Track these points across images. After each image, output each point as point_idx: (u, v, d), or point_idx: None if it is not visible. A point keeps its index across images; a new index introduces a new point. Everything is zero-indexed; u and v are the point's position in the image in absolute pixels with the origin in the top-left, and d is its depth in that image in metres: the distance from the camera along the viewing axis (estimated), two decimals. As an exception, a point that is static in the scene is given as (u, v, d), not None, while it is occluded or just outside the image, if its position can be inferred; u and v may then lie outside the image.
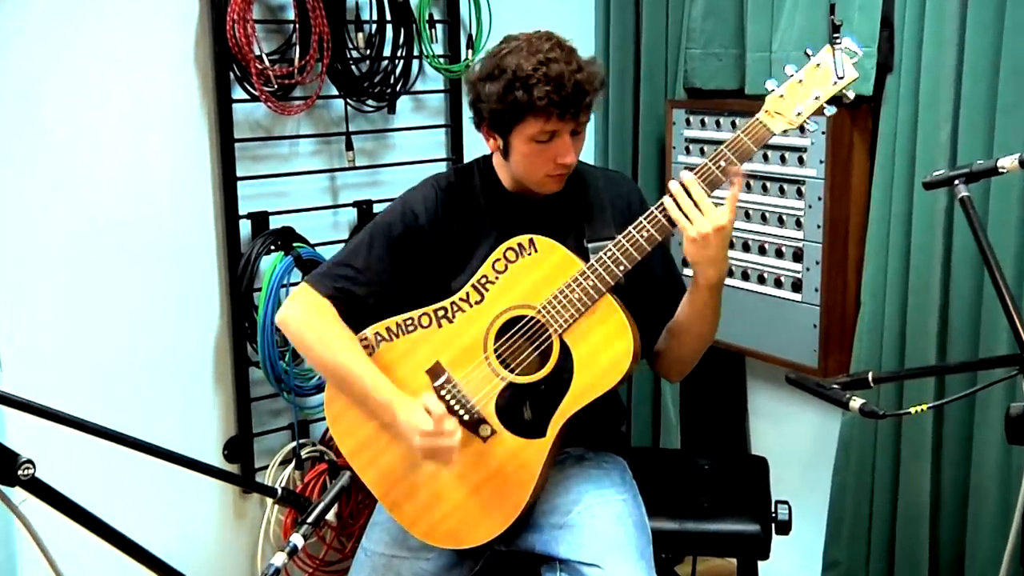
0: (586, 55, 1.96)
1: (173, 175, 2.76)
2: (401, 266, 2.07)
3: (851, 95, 1.88)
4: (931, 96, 2.49)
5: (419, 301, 2.06)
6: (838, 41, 1.85)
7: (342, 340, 2.03)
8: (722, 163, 1.86)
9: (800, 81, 1.87)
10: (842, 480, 2.82)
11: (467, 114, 2.08)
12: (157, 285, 2.76)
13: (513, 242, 1.99)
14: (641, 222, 1.90)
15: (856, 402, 1.71)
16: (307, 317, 2.06)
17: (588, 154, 3.42)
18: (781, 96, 1.87)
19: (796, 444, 3.12)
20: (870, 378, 1.83)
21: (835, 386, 1.79)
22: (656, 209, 1.90)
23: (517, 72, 1.89)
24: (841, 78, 1.85)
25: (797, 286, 2.83)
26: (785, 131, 1.88)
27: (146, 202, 2.72)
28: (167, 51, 2.71)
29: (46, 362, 2.60)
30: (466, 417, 1.99)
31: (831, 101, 1.87)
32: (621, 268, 1.91)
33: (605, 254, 1.92)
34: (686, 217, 1.85)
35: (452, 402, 1.99)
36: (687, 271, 2.04)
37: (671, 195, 1.86)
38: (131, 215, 2.70)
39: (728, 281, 2.98)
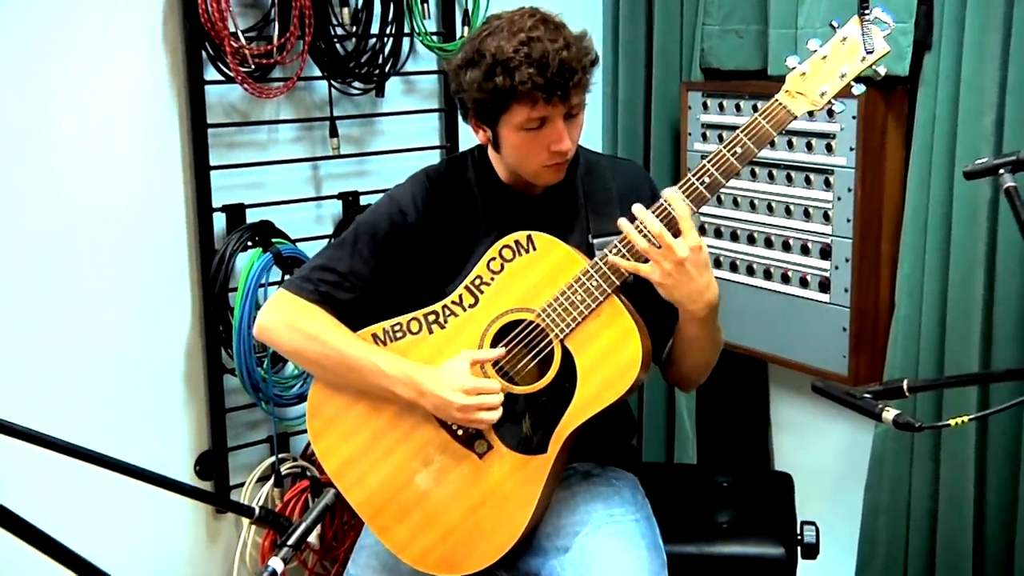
0: (578, 30, 1.96)
1: (140, 164, 2.76)
2: (389, 269, 2.07)
3: (882, 72, 1.87)
4: (974, 77, 2.49)
5: (410, 305, 2.06)
6: (867, 11, 1.84)
7: (336, 330, 2.04)
8: (738, 149, 1.86)
9: (824, 57, 1.86)
10: (875, 499, 2.82)
11: (459, 102, 2.09)
12: (122, 285, 2.76)
13: (510, 239, 1.99)
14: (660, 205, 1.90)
15: (890, 413, 1.71)
16: (291, 319, 2.07)
17: (595, 141, 3.42)
18: (803, 74, 1.87)
19: (824, 459, 3.12)
20: (905, 386, 1.83)
21: (866, 395, 1.79)
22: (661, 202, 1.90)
23: (497, 55, 1.89)
24: (870, 52, 1.84)
25: (825, 286, 2.83)
26: (809, 113, 1.88)
27: (110, 194, 2.72)
28: (132, 28, 2.70)
29: None
30: (460, 432, 1.99)
31: (860, 79, 1.87)
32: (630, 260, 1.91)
33: (611, 250, 1.92)
34: (649, 253, 1.86)
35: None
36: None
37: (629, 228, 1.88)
38: (93, 208, 2.70)
39: (748, 280, 3.02)
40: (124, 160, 2.74)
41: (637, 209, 1.87)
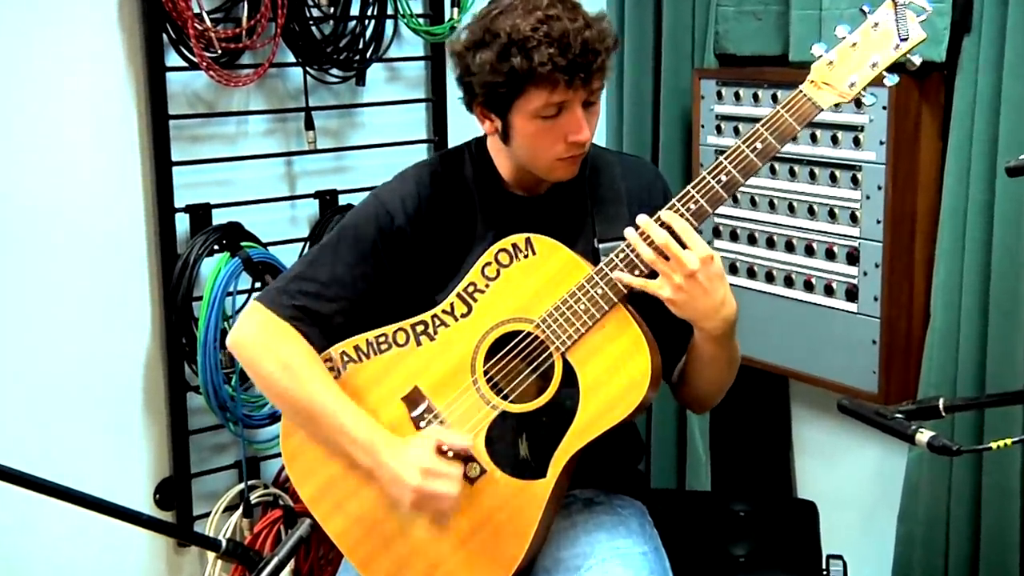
0: (592, 11, 1.96)
1: (93, 160, 2.76)
2: (375, 278, 2.07)
3: (917, 61, 1.88)
4: (1018, 62, 2.49)
5: (398, 315, 2.05)
6: (902, -7, 1.85)
7: (311, 369, 2.03)
8: (758, 145, 1.87)
9: (854, 44, 1.87)
10: (909, 530, 2.82)
11: (452, 87, 2.08)
12: (73, 294, 2.75)
13: (507, 242, 1.98)
14: (659, 218, 1.90)
15: (924, 435, 1.71)
16: (266, 340, 2.06)
17: (600, 134, 3.42)
18: (830, 63, 1.87)
19: (852, 486, 3.12)
20: (941, 406, 1.83)
21: (898, 415, 1.79)
22: (680, 199, 1.90)
23: (513, 34, 1.89)
24: (905, 40, 1.85)
25: (852, 294, 2.83)
26: (836, 106, 1.88)
27: (59, 193, 2.71)
28: (83, 8, 2.70)
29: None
30: (450, 454, 1.99)
31: (892, 69, 1.87)
32: (637, 274, 1.91)
33: (618, 256, 1.92)
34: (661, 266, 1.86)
35: (433, 435, 2.00)
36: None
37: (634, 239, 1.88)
38: (41, 209, 2.69)
39: (767, 288, 3.03)
40: (76, 156, 2.73)
41: (641, 219, 1.88)
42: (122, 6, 2.74)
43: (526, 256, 1.98)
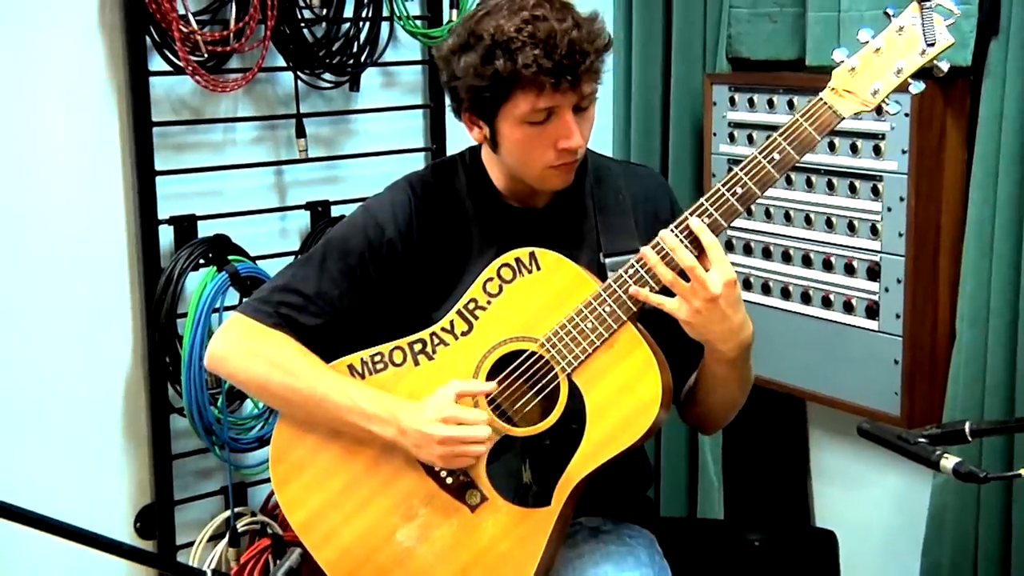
0: (586, 11, 1.96)
1: (73, 169, 2.76)
2: (363, 292, 2.07)
3: (945, 67, 1.88)
4: (1046, 67, 2.50)
5: (391, 334, 2.05)
6: (928, -3, 1.85)
7: (304, 358, 2.03)
8: (776, 155, 1.87)
9: (878, 50, 1.87)
10: (934, 561, 2.81)
11: (449, 95, 2.09)
12: (52, 310, 2.75)
13: (509, 257, 1.99)
14: (687, 226, 1.90)
15: (950, 461, 1.70)
16: (250, 345, 2.06)
17: (605, 144, 3.42)
18: (852, 69, 1.88)
19: (873, 515, 3.12)
20: (968, 430, 1.82)
21: (922, 440, 1.78)
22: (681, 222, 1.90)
23: (496, 36, 1.89)
24: (931, 45, 1.85)
25: (873, 311, 2.83)
26: (858, 114, 1.88)
27: (37, 204, 2.72)
28: (63, 9, 2.71)
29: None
30: (449, 480, 1.99)
31: (918, 75, 1.87)
32: (647, 290, 1.91)
33: (627, 272, 1.92)
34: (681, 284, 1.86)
35: (432, 461, 2.00)
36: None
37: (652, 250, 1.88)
38: (17, 220, 2.70)
39: (783, 304, 3.02)
40: (53, 165, 2.73)
41: (665, 236, 1.87)
42: (103, 6, 2.74)
43: (530, 271, 1.98)
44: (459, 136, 2.11)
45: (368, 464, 2.04)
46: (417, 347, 2.03)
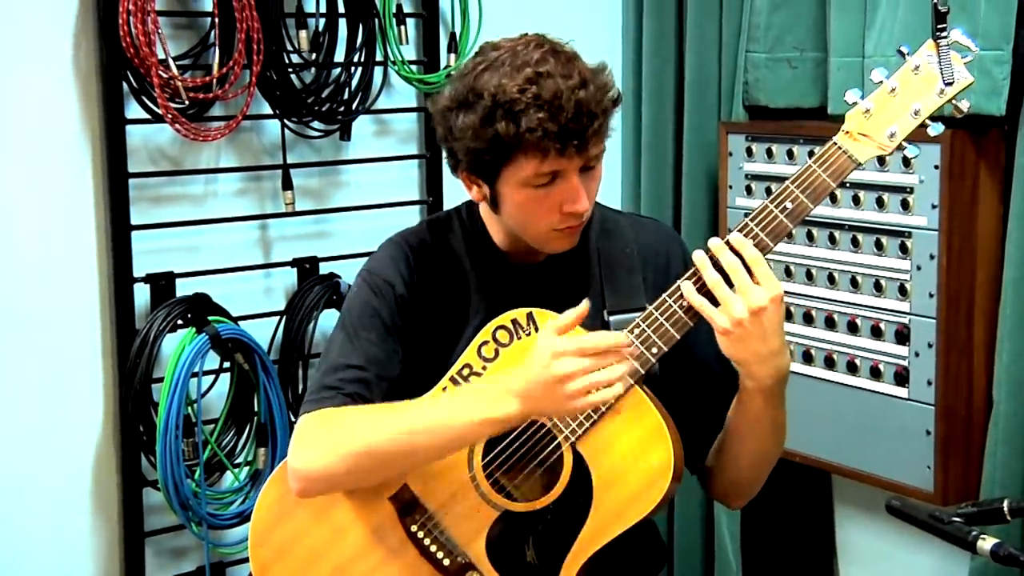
0: (594, 62, 1.95)
1: (43, 222, 2.76)
2: (405, 350, 2.04)
3: (965, 107, 1.88)
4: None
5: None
6: (944, 34, 1.85)
7: (373, 414, 1.97)
8: (788, 204, 1.86)
9: (893, 90, 1.87)
10: (970, 649, 2.79)
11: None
12: (16, 375, 2.75)
13: (505, 318, 1.98)
14: (679, 286, 1.89)
15: (987, 542, 1.69)
16: (333, 440, 1.98)
17: (614, 196, 3.43)
18: (867, 111, 1.88)
19: (904, 598, 3.09)
20: (1007, 508, 1.81)
21: (957, 519, 1.77)
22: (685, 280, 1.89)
23: (498, 96, 1.88)
24: (950, 84, 1.85)
25: (902, 378, 2.81)
26: (880, 161, 1.88)
27: (4, 259, 2.72)
28: (35, 52, 2.72)
29: None
30: (447, 562, 1.97)
31: (937, 117, 1.87)
32: (655, 351, 1.90)
33: (633, 332, 1.91)
34: (723, 295, 1.83)
35: (427, 541, 1.98)
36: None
37: (702, 264, 1.85)
38: (-16, 277, 2.70)
39: (806, 370, 3.01)
40: (22, 218, 2.74)
41: (714, 243, 1.85)
42: (77, 49, 2.76)
43: (528, 334, 1.97)
44: (456, 188, 2.10)
45: (357, 549, 2.03)
46: (409, 415, 2.01)
